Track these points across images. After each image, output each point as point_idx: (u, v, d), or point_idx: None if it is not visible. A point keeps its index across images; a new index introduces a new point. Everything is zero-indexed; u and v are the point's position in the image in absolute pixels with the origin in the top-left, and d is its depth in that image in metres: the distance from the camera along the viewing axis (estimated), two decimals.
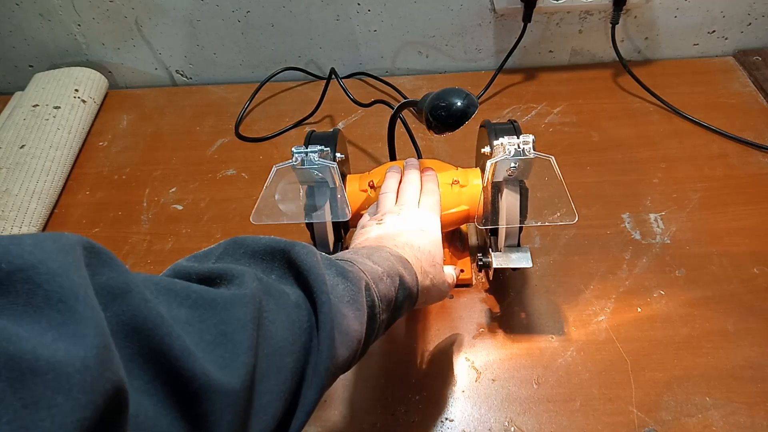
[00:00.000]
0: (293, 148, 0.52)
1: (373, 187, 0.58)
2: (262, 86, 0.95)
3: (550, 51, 0.94)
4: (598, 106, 0.87)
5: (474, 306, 0.62)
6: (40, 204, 0.75)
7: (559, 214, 0.52)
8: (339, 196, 0.54)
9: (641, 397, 0.54)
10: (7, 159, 0.79)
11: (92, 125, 0.92)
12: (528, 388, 0.55)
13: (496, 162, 0.51)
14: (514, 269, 0.61)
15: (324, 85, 0.89)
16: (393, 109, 0.63)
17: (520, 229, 0.55)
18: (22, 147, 0.80)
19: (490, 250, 0.57)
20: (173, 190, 0.80)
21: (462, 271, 0.61)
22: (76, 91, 0.91)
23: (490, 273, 0.64)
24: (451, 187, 0.56)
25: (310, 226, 0.55)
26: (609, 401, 0.54)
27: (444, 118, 0.47)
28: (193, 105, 0.95)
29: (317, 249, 0.35)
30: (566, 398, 0.54)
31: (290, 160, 0.52)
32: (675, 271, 0.64)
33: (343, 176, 0.58)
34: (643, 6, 0.87)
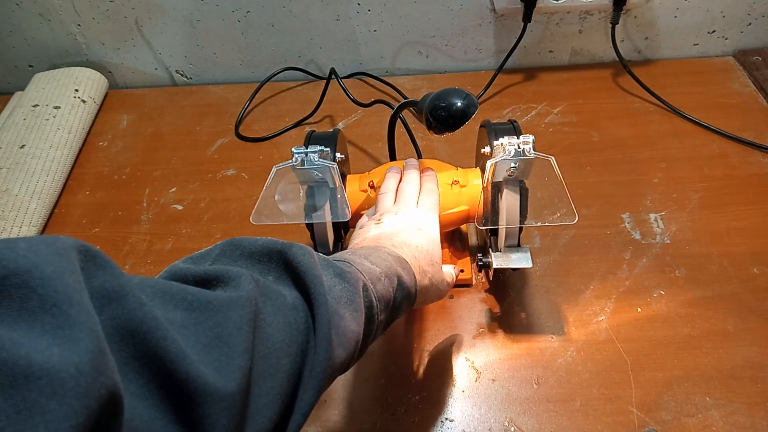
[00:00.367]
0: (293, 149, 0.52)
1: (373, 187, 0.58)
2: (262, 86, 0.95)
3: (550, 51, 0.94)
4: (598, 106, 0.86)
5: (474, 306, 0.62)
6: (40, 204, 0.75)
7: (559, 215, 0.51)
8: (339, 196, 0.54)
9: (641, 397, 0.54)
10: (7, 159, 0.79)
11: (92, 125, 0.92)
12: (528, 388, 0.55)
13: (496, 162, 0.51)
14: (514, 269, 0.61)
15: (324, 85, 0.89)
16: (393, 109, 0.63)
17: (520, 229, 0.54)
18: (22, 147, 0.80)
19: (490, 250, 0.57)
20: (173, 190, 0.80)
21: (462, 271, 0.61)
22: (76, 91, 0.91)
23: (490, 273, 0.64)
24: (451, 187, 0.56)
25: (310, 226, 0.55)
26: (609, 401, 0.54)
27: (444, 118, 0.47)
28: (193, 105, 0.95)
29: (317, 249, 0.35)
30: (566, 398, 0.54)
31: (290, 161, 0.52)
32: (675, 271, 0.63)
33: (343, 176, 0.58)
34: (643, 6, 0.86)
